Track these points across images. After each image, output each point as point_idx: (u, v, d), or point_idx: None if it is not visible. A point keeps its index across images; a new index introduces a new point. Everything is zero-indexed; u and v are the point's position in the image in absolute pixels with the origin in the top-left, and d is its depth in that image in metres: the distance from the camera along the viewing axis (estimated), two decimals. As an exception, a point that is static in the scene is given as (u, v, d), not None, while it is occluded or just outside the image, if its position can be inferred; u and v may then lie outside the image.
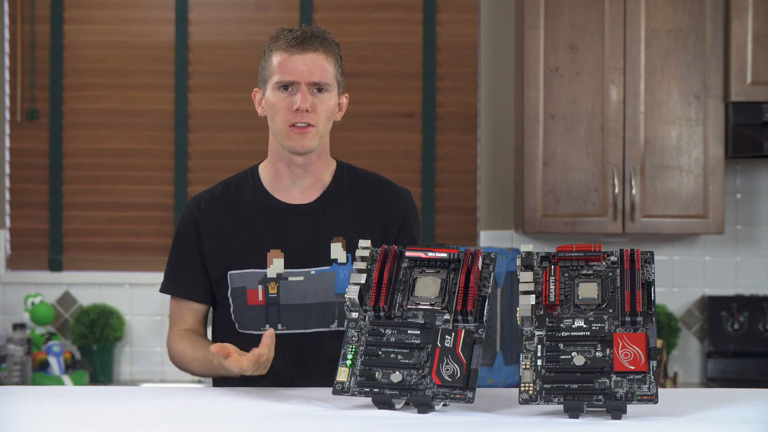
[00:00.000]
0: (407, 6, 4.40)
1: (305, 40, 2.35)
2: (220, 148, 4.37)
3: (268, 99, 2.39)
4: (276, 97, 2.36)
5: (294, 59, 2.34)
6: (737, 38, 4.00)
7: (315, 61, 2.35)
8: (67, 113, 4.38)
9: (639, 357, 1.89)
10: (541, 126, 4.03)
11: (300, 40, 2.35)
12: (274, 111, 2.37)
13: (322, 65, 2.35)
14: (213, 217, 2.43)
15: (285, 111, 2.35)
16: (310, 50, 2.35)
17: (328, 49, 2.37)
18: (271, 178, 2.45)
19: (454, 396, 1.91)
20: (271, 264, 2.38)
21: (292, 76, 2.34)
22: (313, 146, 2.38)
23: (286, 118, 2.36)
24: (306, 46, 2.34)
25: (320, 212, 2.43)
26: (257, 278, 2.38)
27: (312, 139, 2.36)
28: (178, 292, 2.45)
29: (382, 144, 4.37)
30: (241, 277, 2.39)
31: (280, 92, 2.36)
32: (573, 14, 4.03)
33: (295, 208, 2.42)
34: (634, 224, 4.02)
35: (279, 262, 2.38)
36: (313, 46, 2.35)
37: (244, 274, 2.39)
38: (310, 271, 2.39)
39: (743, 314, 4.25)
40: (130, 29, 4.39)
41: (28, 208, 4.39)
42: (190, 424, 1.90)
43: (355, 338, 2.02)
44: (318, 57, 2.35)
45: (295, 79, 2.34)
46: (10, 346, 3.98)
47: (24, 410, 2.00)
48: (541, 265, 2.04)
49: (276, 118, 2.37)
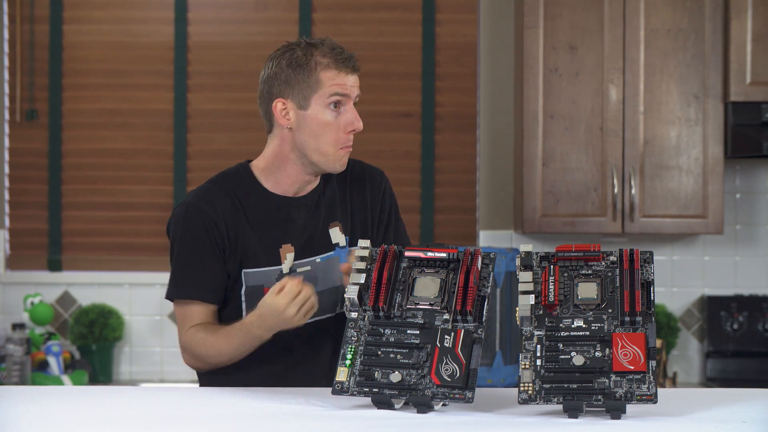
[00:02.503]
0: (407, 6, 4.40)
1: (351, 60, 2.37)
2: (220, 149, 4.37)
3: (315, 116, 2.35)
4: (328, 115, 2.35)
5: (349, 78, 2.35)
6: (736, 38, 4.00)
7: (357, 80, 2.38)
8: (66, 113, 4.38)
9: (638, 357, 1.89)
10: (541, 126, 4.03)
11: (348, 59, 2.36)
12: (322, 131, 2.35)
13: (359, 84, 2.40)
14: (228, 214, 2.38)
15: (337, 131, 2.35)
16: (356, 72, 2.38)
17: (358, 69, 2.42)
18: (274, 180, 2.43)
19: (454, 396, 1.92)
20: (285, 259, 2.38)
21: (347, 91, 2.35)
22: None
23: (338, 139, 2.36)
24: (354, 66, 2.37)
25: (317, 200, 2.44)
26: (274, 275, 2.37)
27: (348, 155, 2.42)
28: (195, 295, 2.37)
29: (382, 144, 4.37)
30: (257, 276, 2.38)
31: (330, 111, 2.35)
32: (572, 14, 4.03)
33: (296, 201, 2.43)
34: (633, 224, 4.02)
35: (291, 257, 2.38)
36: (356, 66, 2.38)
37: (260, 273, 2.38)
38: (316, 259, 2.40)
39: (743, 314, 4.25)
40: (129, 29, 4.39)
41: (27, 208, 4.39)
42: (190, 424, 1.90)
43: (355, 338, 2.02)
44: (357, 78, 2.39)
45: (347, 93, 2.35)
46: (9, 346, 3.98)
47: (23, 410, 2.00)
48: (541, 265, 2.04)
49: (325, 138, 2.36)
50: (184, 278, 2.38)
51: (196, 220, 2.37)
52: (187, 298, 2.39)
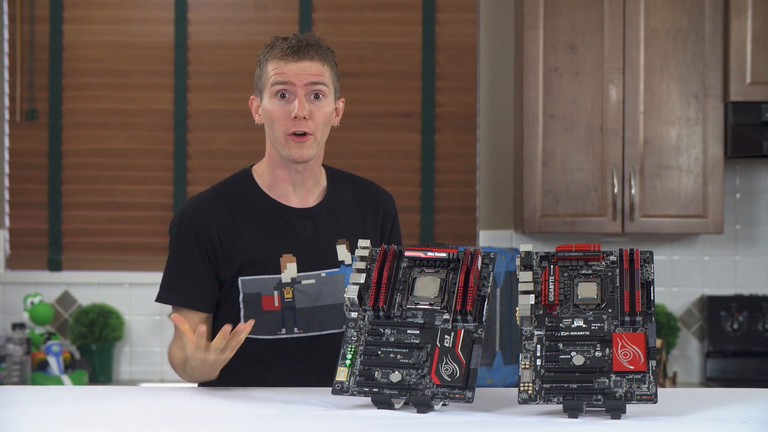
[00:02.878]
0: (407, 6, 4.39)
1: (300, 49, 2.34)
2: (220, 148, 4.37)
3: (265, 107, 2.37)
4: (273, 105, 2.35)
5: (290, 66, 2.33)
6: (736, 38, 4.00)
7: (311, 68, 2.34)
8: (66, 113, 4.38)
9: (638, 357, 1.89)
10: (541, 126, 4.03)
11: (295, 49, 2.34)
12: (272, 120, 2.36)
13: (318, 71, 2.35)
14: (221, 222, 2.38)
15: (283, 119, 2.34)
16: (306, 59, 2.34)
17: (323, 56, 2.37)
18: (269, 182, 2.43)
19: (454, 396, 1.91)
20: (285, 269, 2.37)
21: (288, 79, 2.33)
22: (312, 155, 2.38)
23: (284, 126, 2.35)
24: (302, 54, 2.34)
25: (325, 214, 2.43)
26: (272, 284, 2.36)
27: (310, 147, 2.36)
28: (181, 302, 2.38)
29: (382, 144, 4.37)
30: (255, 283, 2.37)
31: (277, 100, 2.35)
32: (572, 14, 4.03)
33: (302, 212, 2.42)
34: (633, 224, 4.02)
35: (292, 267, 2.37)
36: (309, 54, 2.34)
37: (258, 280, 2.37)
38: (321, 273, 2.39)
39: (742, 314, 4.25)
40: (129, 29, 4.39)
41: (27, 208, 4.39)
42: (190, 424, 1.90)
43: (355, 338, 2.02)
44: (314, 65, 2.35)
45: (290, 81, 2.33)
46: (9, 346, 3.98)
47: (23, 410, 2.00)
48: (541, 264, 2.04)
49: (274, 127, 2.36)
50: (173, 284, 2.39)
51: (187, 227, 2.39)
52: (176, 305, 2.39)
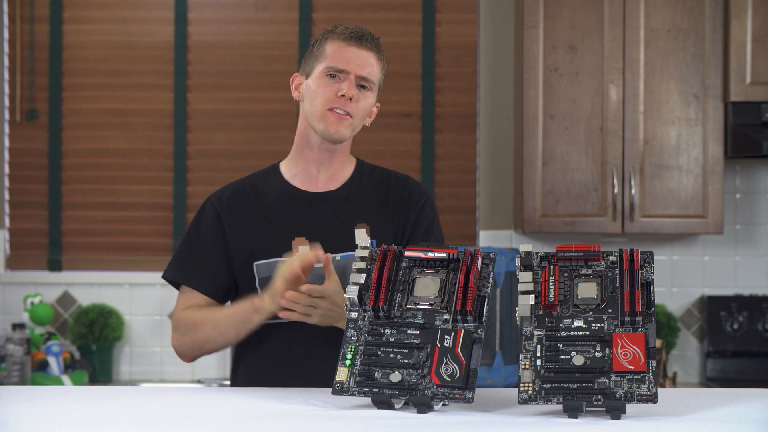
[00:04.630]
0: (407, 6, 4.40)
1: (363, 37, 2.42)
2: (220, 148, 4.37)
3: (310, 84, 2.41)
4: (321, 81, 2.39)
5: (350, 50, 2.40)
6: (736, 38, 4.00)
7: (368, 57, 2.42)
8: (66, 113, 4.38)
9: (638, 357, 1.89)
10: (541, 126, 4.03)
11: (359, 36, 2.41)
12: (315, 94, 2.39)
13: (371, 63, 2.43)
14: (236, 209, 2.44)
15: (328, 94, 2.38)
16: (366, 47, 2.42)
17: (380, 51, 2.46)
18: (294, 170, 2.47)
19: (454, 396, 1.91)
20: (297, 251, 2.38)
21: (345, 65, 2.39)
22: (345, 136, 2.42)
23: (327, 100, 2.38)
24: (363, 42, 2.41)
25: (345, 199, 2.45)
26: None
27: (347, 128, 2.41)
28: (186, 280, 2.44)
29: (382, 144, 4.37)
30: (268, 267, 2.39)
31: (327, 77, 2.39)
32: (572, 14, 4.03)
33: (320, 196, 2.45)
34: (633, 224, 4.02)
35: (304, 250, 2.38)
36: (369, 44, 2.42)
37: (271, 264, 2.39)
38: (336, 257, 2.39)
39: (742, 314, 4.25)
40: (129, 29, 4.39)
41: (27, 208, 4.39)
42: (190, 424, 1.90)
43: (355, 338, 2.02)
44: (371, 55, 2.43)
45: (346, 68, 2.38)
46: (9, 346, 3.98)
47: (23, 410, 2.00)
48: (541, 265, 2.03)
49: (316, 101, 2.39)
50: (181, 262, 2.46)
51: (204, 213, 2.47)
52: (181, 282, 2.45)
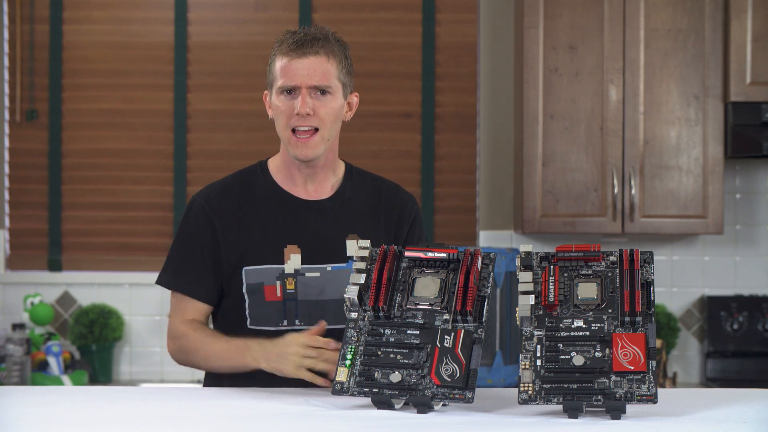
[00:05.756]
0: (407, 6, 4.39)
1: (305, 44, 2.34)
2: (220, 148, 4.37)
3: (273, 103, 2.39)
4: (279, 101, 2.37)
5: (294, 64, 2.34)
6: (736, 38, 4.00)
7: (315, 64, 2.34)
8: (66, 113, 4.38)
9: (638, 357, 1.89)
10: (541, 126, 4.03)
11: (300, 44, 2.34)
12: (277, 114, 2.38)
13: (323, 68, 2.35)
14: (226, 213, 2.41)
15: (287, 115, 2.36)
16: (310, 54, 2.34)
17: (329, 50, 2.36)
18: (283, 174, 2.46)
19: (454, 396, 1.92)
20: (289, 259, 2.37)
21: (293, 81, 2.34)
22: (318, 153, 2.39)
23: (287, 122, 2.36)
24: (306, 49, 2.34)
25: (336, 208, 2.44)
26: (275, 274, 2.37)
27: (316, 146, 2.37)
28: (181, 288, 2.42)
29: (382, 144, 4.37)
30: (258, 273, 2.38)
31: (283, 96, 2.37)
32: (572, 14, 4.03)
33: (311, 204, 2.43)
34: (633, 224, 4.02)
35: (296, 258, 2.37)
36: (313, 49, 2.35)
37: (261, 270, 2.38)
38: (327, 267, 2.39)
39: (743, 314, 4.25)
40: (129, 29, 4.39)
41: (27, 208, 4.39)
42: (190, 424, 1.90)
43: (355, 338, 2.02)
44: (319, 60, 2.35)
45: (295, 84, 2.34)
46: (9, 346, 3.98)
47: (23, 410, 2.00)
48: (541, 265, 2.04)
49: (280, 121, 2.38)
50: (173, 268, 2.43)
51: (192, 215, 2.43)
52: (177, 291, 2.43)
